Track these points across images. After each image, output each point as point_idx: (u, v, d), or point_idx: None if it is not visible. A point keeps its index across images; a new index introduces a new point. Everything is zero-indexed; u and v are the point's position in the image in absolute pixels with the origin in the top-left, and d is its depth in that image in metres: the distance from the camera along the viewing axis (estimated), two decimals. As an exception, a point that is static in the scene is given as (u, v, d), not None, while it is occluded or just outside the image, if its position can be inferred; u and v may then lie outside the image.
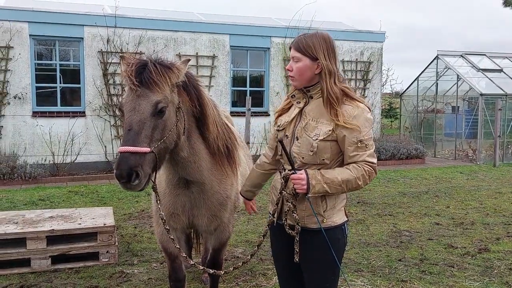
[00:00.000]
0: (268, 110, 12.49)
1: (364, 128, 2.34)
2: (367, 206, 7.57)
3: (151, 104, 2.43)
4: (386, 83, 21.46)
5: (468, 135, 15.62)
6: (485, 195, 8.60)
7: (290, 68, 2.46)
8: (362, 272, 4.67)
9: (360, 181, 2.34)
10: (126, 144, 2.34)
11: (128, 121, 2.40)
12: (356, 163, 2.35)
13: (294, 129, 2.46)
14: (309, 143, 2.37)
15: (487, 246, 5.50)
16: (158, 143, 2.45)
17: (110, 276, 4.50)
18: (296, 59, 2.42)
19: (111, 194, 8.31)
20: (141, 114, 2.40)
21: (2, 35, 9.96)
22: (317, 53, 2.37)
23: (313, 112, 2.42)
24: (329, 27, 12.10)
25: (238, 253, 5.22)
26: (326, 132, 2.35)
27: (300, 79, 2.43)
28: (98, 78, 10.75)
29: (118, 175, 2.30)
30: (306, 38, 2.42)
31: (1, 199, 7.79)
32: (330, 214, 2.43)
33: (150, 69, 2.46)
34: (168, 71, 2.52)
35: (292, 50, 2.46)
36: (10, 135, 10.14)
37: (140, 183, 2.35)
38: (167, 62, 2.59)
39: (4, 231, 4.59)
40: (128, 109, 2.44)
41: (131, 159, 2.31)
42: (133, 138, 2.35)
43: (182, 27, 11.40)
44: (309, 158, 2.38)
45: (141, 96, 2.43)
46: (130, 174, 2.29)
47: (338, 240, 2.44)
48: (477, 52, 15.77)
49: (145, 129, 2.40)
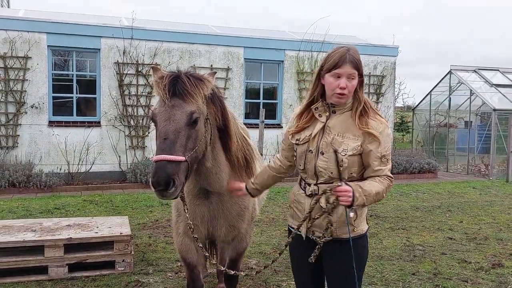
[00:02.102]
0: (280, 122, 12.55)
1: (387, 144, 2.42)
2: (380, 219, 7.56)
3: (186, 114, 2.51)
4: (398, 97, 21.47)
5: (481, 150, 15.53)
6: (498, 210, 8.55)
7: (345, 86, 2.39)
8: (376, 285, 4.68)
9: (385, 193, 2.43)
10: (162, 152, 2.40)
11: (163, 130, 2.47)
12: (380, 177, 2.41)
13: (318, 144, 2.48)
14: (338, 158, 2.40)
15: (501, 261, 5.47)
16: (191, 153, 2.53)
17: (126, 285, 4.55)
18: (353, 76, 2.40)
19: (125, 204, 8.40)
20: (177, 123, 2.48)
21: (21, 45, 10.18)
22: (362, 68, 2.43)
23: (338, 127, 2.45)
24: (342, 41, 12.16)
25: (252, 264, 5.25)
26: (354, 148, 2.39)
27: (349, 96, 2.44)
28: (114, 88, 10.91)
29: (155, 182, 2.35)
30: (356, 54, 2.41)
31: (17, 207, 7.90)
32: (359, 223, 2.50)
33: (183, 80, 2.54)
34: (201, 83, 2.61)
35: (348, 68, 2.38)
36: (26, 144, 10.31)
37: (175, 191, 2.41)
38: (198, 74, 2.68)
39: (22, 238, 4.66)
40: (162, 119, 2.50)
41: (168, 167, 2.36)
42: (169, 147, 2.41)
43: (198, 39, 11.55)
44: (337, 173, 2.41)
45: (176, 107, 2.50)
46: (168, 182, 2.35)
47: (364, 247, 2.52)
48: (490, 67, 15.76)
49: (180, 138, 2.47)
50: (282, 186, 10.16)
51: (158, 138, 2.49)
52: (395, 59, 13.75)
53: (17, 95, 10.20)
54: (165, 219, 7.16)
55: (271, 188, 8.42)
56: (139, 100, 11.07)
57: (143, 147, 11.19)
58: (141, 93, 11.08)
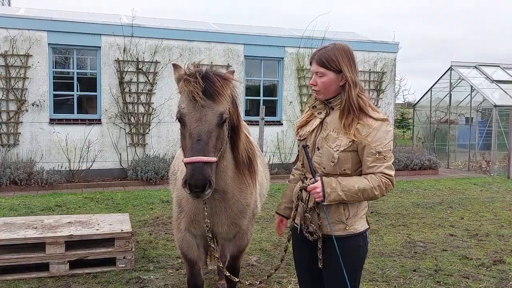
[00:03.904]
0: (281, 119, 12.55)
1: (383, 140, 2.37)
2: (381, 216, 7.56)
3: (217, 114, 2.52)
4: (398, 93, 21.45)
5: (482, 146, 15.52)
6: (500, 206, 8.54)
7: (314, 83, 2.46)
8: (376, 282, 4.68)
9: (376, 191, 2.37)
10: (198, 154, 2.41)
11: (196, 131, 2.47)
12: (374, 174, 2.38)
13: (315, 139, 2.50)
14: (330, 154, 2.41)
15: (502, 257, 5.47)
16: (219, 153, 2.57)
17: (127, 282, 4.56)
18: (320, 74, 2.43)
19: (126, 201, 8.41)
20: (209, 124, 2.49)
21: (22, 43, 10.18)
22: (340, 66, 2.40)
23: (334, 123, 2.45)
24: (342, 38, 12.16)
25: (253, 261, 5.26)
26: (347, 144, 2.39)
27: (325, 93, 2.47)
28: (114, 86, 10.91)
29: (193, 185, 2.37)
30: (327, 52, 2.42)
31: (18, 205, 7.92)
32: (353, 221, 2.47)
33: (212, 80, 2.53)
34: (228, 83, 2.62)
35: (314, 65, 2.45)
36: (27, 142, 10.32)
37: (210, 192, 2.45)
38: (224, 74, 2.67)
39: (24, 235, 4.67)
40: (193, 119, 2.50)
41: (205, 170, 2.39)
42: (203, 148, 2.42)
43: (198, 37, 11.54)
44: (330, 169, 2.42)
45: (206, 107, 2.50)
46: (205, 184, 2.38)
47: (359, 247, 2.49)
48: (491, 64, 15.72)
49: (212, 139, 2.49)
50: (283, 183, 10.17)
51: (190, 139, 2.49)
52: (395, 55, 13.73)
53: (18, 93, 10.20)
54: (166, 216, 7.17)
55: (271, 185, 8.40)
56: (140, 98, 11.07)
57: (143, 145, 11.19)
58: (141, 90, 11.07)
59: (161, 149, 11.22)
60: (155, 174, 10.26)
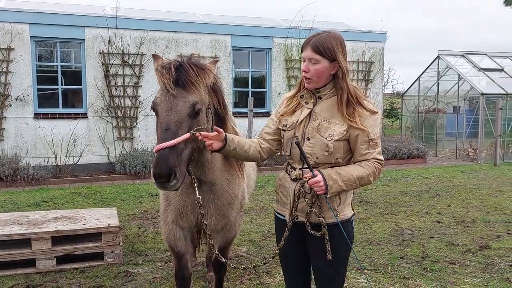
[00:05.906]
0: (270, 111, 12.52)
1: (375, 128, 2.41)
2: (369, 205, 7.60)
3: (189, 105, 2.46)
4: (387, 83, 21.52)
5: (469, 134, 15.65)
6: (486, 193, 8.63)
7: (306, 69, 2.41)
8: (364, 270, 4.70)
9: (371, 177, 2.43)
10: (163, 141, 2.34)
11: (165, 120, 2.42)
12: (368, 160, 2.42)
13: (304, 130, 2.47)
14: (323, 143, 2.40)
15: (488, 243, 5.53)
16: (192, 143, 2.49)
17: (115, 276, 4.53)
18: (315, 61, 2.38)
19: (114, 195, 8.35)
20: (179, 114, 2.43)
21: (3, 36, 10.00)
22: (336, 54, 2.37)
23: (324, 113, 2.44)
24: (330, 27, 12.12)
25: (242, 252, 5.26)
26: (340, 133, 2.39)
27: (318, 81, 2.43)
28: (100, 79, 10.78)
29: (157, 174, 2.29)
30: (323, 38, 2.38)
31: (4, 201, 7.82)
32: (342, 208, 2.50)
33: (186, 69, 2.48)
34: (203, 72, 2.56)
35: (308, 51, 2.39)
36: (12, 137, 10.18)
37: (176, 183, 2.35)
38: (201, 64, 2.62)
39: (9, 232, 4.61)
40: (164, 108, 2.45)
41: (170, 159, 2.31)
42: (170, 137, 2.35)
43: (184, 28, 11.43)
44: (323, 158, 2.42)
45: (178, 97, 2.45)
46: (169, 174, 2.30)
47: (348, 232, 2.51)
48: (478, 52, 15.81)
49: (182, 129, 2.42)
50: (271, 175, 10.17)
51: (160, 128, 2.44)
52: (384, 45, 13.75)
53: (1, 88, 10.04)
54: (155, 210, 7.13)
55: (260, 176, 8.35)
56: (126, 91, 10.96)
57: (131, 138, 11.11)
58: (127, 83, 10.96)
59: (149, 143, 11.14)
60: (143, 167, 10.18)
